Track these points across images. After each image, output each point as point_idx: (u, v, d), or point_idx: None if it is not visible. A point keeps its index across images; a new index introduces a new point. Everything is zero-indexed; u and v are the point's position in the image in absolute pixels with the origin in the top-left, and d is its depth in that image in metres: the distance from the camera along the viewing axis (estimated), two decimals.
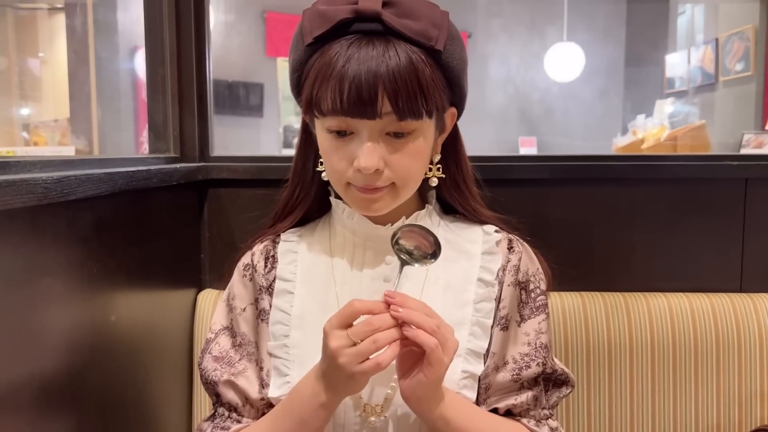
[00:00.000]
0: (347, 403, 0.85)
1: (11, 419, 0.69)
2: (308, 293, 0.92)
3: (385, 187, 0.84)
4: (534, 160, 1.30)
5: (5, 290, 0.67)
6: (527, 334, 0.91)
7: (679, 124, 4.76)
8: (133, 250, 0.99)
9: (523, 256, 0.94)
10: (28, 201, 0.66)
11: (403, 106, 0.78)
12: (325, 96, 0.78)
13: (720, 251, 1.27)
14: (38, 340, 0.74)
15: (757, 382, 1.19)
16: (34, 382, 0.73)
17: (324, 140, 0.84)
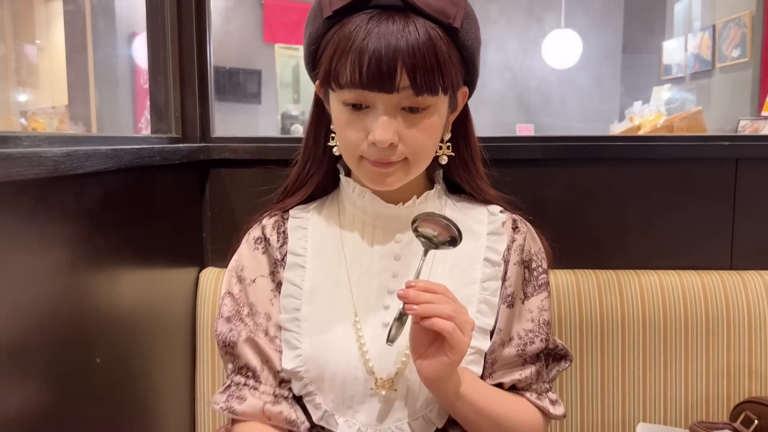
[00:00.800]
0: (358, 376, 0.88)
1: (16, 387, 0.71)
2: (319, 269, 0.94)
3: (397, 162, 0.85)
4: (530, 141, 1.32)
5: (18, 259, 0.70)
6: (531, 311, 0.94)
7: (675, 111, 4.77)
8: (138, 226, 1.02)
9: (527, 236, 0.97)
10: (39, 173, 0.68)
11: (421, 81, 0.79)
12: (344, 69, 0.79)
13: (711, 230, 1.30)
14: (48, 310, 0.77)
15: (745, 357, 1.23)
16: (44, 350, 0.76)
17: (339, 113, 0.85)
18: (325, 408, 0.89)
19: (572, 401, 1.23)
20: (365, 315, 0.90)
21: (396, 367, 0.88)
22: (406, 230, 0.91)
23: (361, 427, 0.88)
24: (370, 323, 0.90)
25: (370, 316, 0.90)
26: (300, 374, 0.89)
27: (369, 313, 0.91)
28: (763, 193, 1.29)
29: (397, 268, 0.92)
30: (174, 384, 1.20)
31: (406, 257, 0.93)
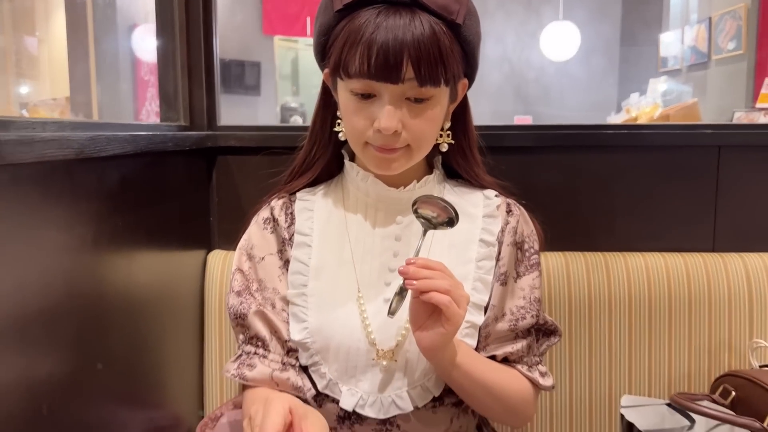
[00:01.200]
0: (361, 348, 0.94)
1: (46, 353, 0.78)
2: (324, 248, 1.00)
3: (401, 148, 0.92)
4: (523, 129, 1.38)
5: (49, 235, 0.76)
6: (522, 289, 1.00)
7: (672, 102, 4.81)
8: (151, 208, 1.08)
9: (520, 219, 1.03)
10: (67, 155, 0.74)
11: (425, 73, 0.85)
12: (353, 59, 0.85)
13: (694, 214, 1.36)
14: (73, 283, 0.83)
15: (726, 334, 1.29)
16: (71, 320, 0.82)
17: (347, 101, 0.91)
18: (329, 377, 0.95)
19: (562, 375, 1.29)
20: (368, 291, 0.97)
21: (396, 339, 0.94)
22: (407, 212, 0.97)
23: (363, 395, 0.94)
24: (373, 299, 0.96)
25: (372, 292, 0.97)
26: (307, 345, 0.96)
27: (371, 290, 0.97)
28: (744, 179, 1.36)
29: (398, 247, 0.99)
30: (183, 357, 1.26)
31: (407, 237, 0.99)
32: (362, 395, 0.94)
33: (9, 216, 0.68)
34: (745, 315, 1.29)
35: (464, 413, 1.00)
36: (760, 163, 1.36)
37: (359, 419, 0.95)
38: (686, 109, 4.25)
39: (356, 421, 0.95)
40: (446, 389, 0.96)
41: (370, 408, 0.93)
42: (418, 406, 0.94)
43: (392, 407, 0.93)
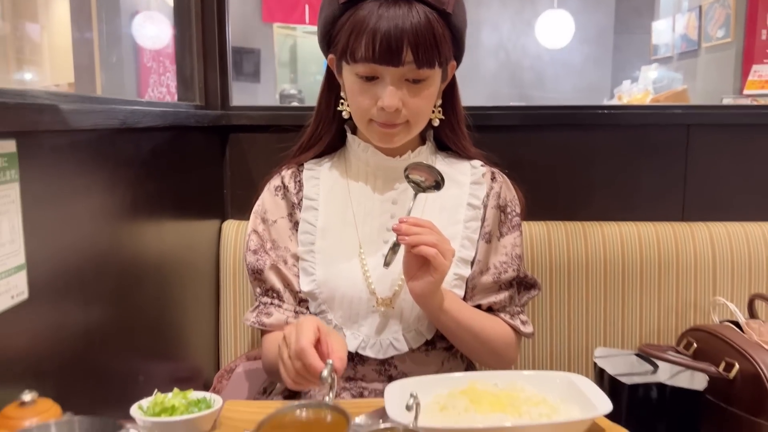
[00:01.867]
0: (362, 297, 1.07)
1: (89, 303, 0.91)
2: (330, 210, 1.13)
3: (401, 124, 1.05)
4: (509, 110, 1.51)
5: (97, 196, 0.89)
6: (505, 247, 1.13)
7: (662, 89, 4.90)
8: (176, 177, 1.21)
9: (503, 185, 1.16)
10: (112, 124, 0.87)
11: (422, 57, 0.98)
12: (359, 46, 0.98)
13: (665, 187, 1.50)
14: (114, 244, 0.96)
15: (691, 295, 1.43)
16: (110, 276, 0.95)
17: (353, 84, 1.04)
18: (335, 323, 1.09)
19: (543, 330, 1.43)
20: (368, 248, 1.10)
21: (393, 289, 1.08)
22: (403, 179, 1.09)
23: (364, 338, 1.08)
24: (373, 255, 1.10)
25: (372, 249, 1.10)
26: (315, 295, 1.09)
27: (371, 247, 1.10)
28: (711, 155, 1.49)
29: (395, 210, 1.12)
30: (201, 315, 1.40)
31: (403, 201, 1.12)
32: (363, 338, 1.07)
33: (67, 176, 0.81)
34: (709, 277, 1.43)
35: (454, 357, 1.14)
36: (726, 140, 1.49)
37: (361, 360, 1.09)
38: (676, 96, 4.37)
39: (359, 362, 1.09)
40: (438, 334, 1.09)
41: (370, 349, 1.07)
42: (412, 347, 1.07)
43: (390, 348, 1.06)
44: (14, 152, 0.67)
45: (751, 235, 1.44)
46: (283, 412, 0.71)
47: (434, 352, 1.11)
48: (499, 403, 0.83)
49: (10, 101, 0.64)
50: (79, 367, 0.86)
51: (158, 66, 5.28)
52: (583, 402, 0.82)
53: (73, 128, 0.77)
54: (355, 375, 1.10)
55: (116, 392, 0.96)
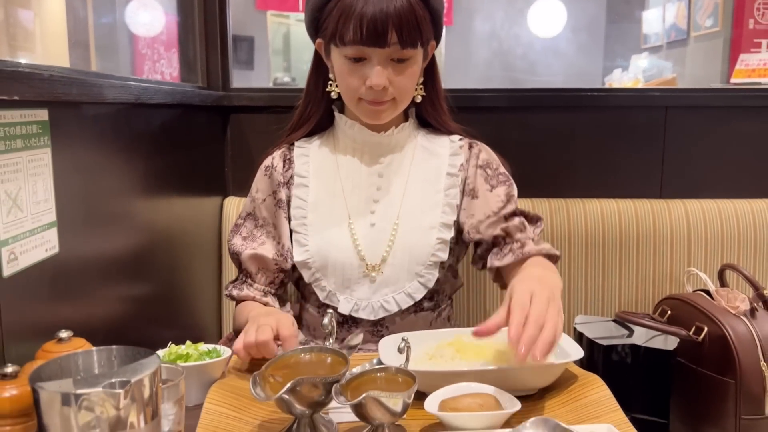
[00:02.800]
0: (353, 263, 1.15)
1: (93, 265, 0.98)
2: (319, 185, 1.21)
3: (388, 101, 1.13)
4: (496, 92, 1.59)
5: (112, 167, 0.97)
6: (498, 195, 1.19)
7: (653, 78, 4.96)
8: (182, 155, 1.29)
9: (482, 149, 1.24)
10: (128, 99, 0.95)
11: (405, 38, 1.06)
12: (347, 30, 1.05)
13: (644, 166, 1.58)
14: (130, 216, 1.04)
15: (667, 267, 1.52)
16: (129, 237, 1.03)
17: (342, 65, 1.12)
18: (329, 289, 1.17)
19: None
20: (356, 218, 1.18)
21: (381, 256, 1.16)
22: (388, 154, 1.19)
23: (357, 301, 1.16)
24: (360, 224, 1.18)
25: (360, 219, 1.18)
26: (309, 264, 1.17)
27: (359, 217, 1.18)
28: (687, 136, 1.58)
29: (380, 182, 1.20)
30: (205, 286, 1.48)
31: (387, 174, 1.20)
32: (356, 302, 1.16)
33: (91, 145, 0.89)
34: (684, 250, 1.52)
35: (441, 318, 1.23)
36: (702, 121, 1.57)
37: (355, 323, 1.17)
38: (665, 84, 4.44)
39: (353, 325, 1.18)
40: (425, 297, 1.17)
41: (363, 311, 1.15)
42: (401, 308, 1.15)
43: (381, 310, 1.15)
44: (46, 120, 0.74)
45: (723, 211, 1.53)
46: (288, 355, 0.80)
47: (422, 313, 1.19)
48: (483, 352, 0.92)
49: (44, 73, 0.71)
50: (100, 315, 0.94)
51: (152, 53, 5.31)
52: (558, 351, 0.91)
53: (96, 101, 0.85)
54: (349, 337, 1.18)
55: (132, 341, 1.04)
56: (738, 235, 1.52)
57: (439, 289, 1.20)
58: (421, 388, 0.82)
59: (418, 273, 1.15)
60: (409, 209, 1.18)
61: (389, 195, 1.19)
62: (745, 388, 1.21)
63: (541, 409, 0.86)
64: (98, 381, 0.55)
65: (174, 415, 0.69)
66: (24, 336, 0.71)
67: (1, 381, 0.61)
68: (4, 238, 0.67)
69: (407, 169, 1.20)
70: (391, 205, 1.18)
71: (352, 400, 0.71)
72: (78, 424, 0.53)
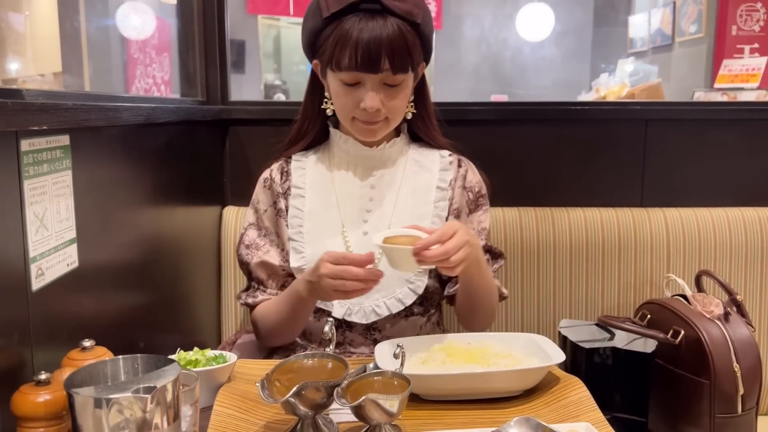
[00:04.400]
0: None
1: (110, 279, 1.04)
2: (315, 196, 1.28)
3: (381, 121, 1.20)
4: (484, 106, 1.66)
5: (122, 185, 1.03)
6: (472, 222, 1.29)
7: (639, 82, 5.04)
8: (184, 168, 1.35)
9: (468, 170, 1.32)
10: (138, 120, 1.01)
11: (397, 64, 1.13)
12: (343, 57, 1.12)
13: (625, 176, 1.66)
14: (134, 226, 1.10)
15: (648, 273, 1.60)
16: (138, 250, 1.09)
17: (338, 88, 1.19)
18: None
19: (515, 304, 1.59)
20: (350, 227, 1.25)
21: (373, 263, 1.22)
22: (380, 167, 1.27)
23: (350, 305, 1.23)
24: (354, 232, 1.25)
25: (353, 228, 1.25)
26: (304, 270, 1.23)
27: (352, 226, 1.25)
28: (666, 147, 1.65)
29: (373, 194, 1.27)
30: (205, 293, 1.54)
31: (380, 186, 1.27)
32: (349, 306, 1.22)
33: (106, 165, 0.95)
34: (663, 257, 1.59)
35: (430, 323, 1.30)
36: (681, 134, 1.65)
37: (349, 327, 1.24)
38: (651, 89, 4.53)
39: (347, 329, 1.24)
40: (415, 302, 1.24)
41: (355, 315, 1.22)
42: (392, 312, 1.22)
43: (372, 314, 1.22)
44: (68, 145, 0.80)
45: (701, 219, 1.61)
46: (292, 361, 0.86)
47: (412, 318, 1.26)
48: (472, 357, 0.99)
49: (66, 103, 0.77)
50: (113, 323, 1.00)
51: (144, 57, 5.34)
52: (542, 355, 0.98)
53: (111, 124, 0.91)
54: (343, 340, 1.25)
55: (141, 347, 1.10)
56: (714, 242, 1.59)
57: (428, 296, 1.27)
58: (415, 390, 0.89)
59: (408, 279, 1.23)
60: (400, 219, 1.24)
61: (381, 206, 1.26)
62: (719, 388, 1.29)
63: (525, 409, 0.93)
64: (127, 387, 0.61)
65: (190, 417, 0.75)
66: (51, 345, 0.77)
67: (36, 387, 0.67)
68: (32, 256, 0.73)
69: (398, 182, 1.27)
70: (383, 216, 1.25)
71: (352, 402, 0.77)
72: (109, 425, 0.59)
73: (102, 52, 4.87)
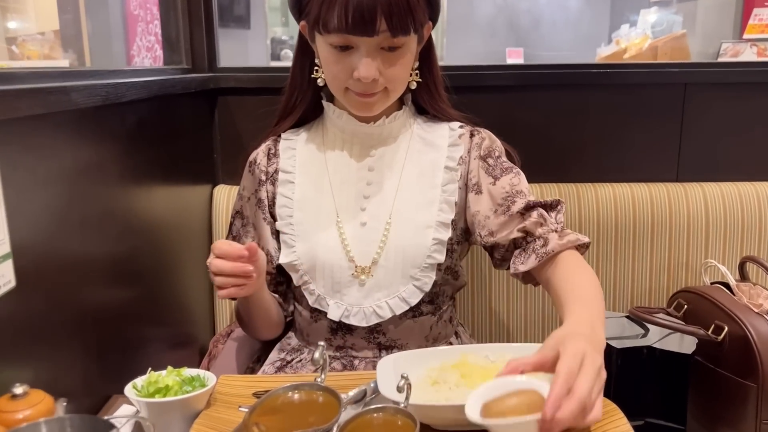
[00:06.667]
0: (342, 265, 1.07)
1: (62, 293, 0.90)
2: (306, 181, 1.12)
3: (379, 92, 1.02)
4: (502, 69, 1.48)
5: (82, 173, 0.88)
6: (503, 188, 1.07)
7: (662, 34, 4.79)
8: (164, 147, 1.19)
9: (485, 138, 1.13)
10: (95, 102, 0.85)
11: (396, 24, 0.95)
12: (331, 17, 0.94)
13: (660, 147, 1.48)
14: (104, 213, 0.95)
15: (683, 255, 1.44)
16: (106, 246, 0.95)
17: (327, 53, 1.01)
18: (318, 293, 1.09)
19: (536, 292, 1.44)
20: (345, 216, 1.09)
21: (371, 257, 1.07)
22: (379, 146, 1.10)
23: (348, 306, 1.08)
24: (350, 222, 1.09)
25: (349, 217, 1.09)
26: (296, 266, 1.09)
27: (348, 215, 1.09)
28: (707, 115, 1.47)
29: (372, 177, 1.10)
30: (196, 282, 1.40)
31: (379, 168, 1.11)
32: (347, 307, 1.08)
33: (50, 158, 0.80)
34: (701, 238, 1.43)
35: (442, 321, 1.15)
36: (722, 99, 1.47)
37: (349, 330, 1.10)
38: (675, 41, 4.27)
39: (347, 332, 1.10)
40: (423, 300, 1.09)
41: (354, 318, 1.07)
42: (396, 314, 1.07)
43: (373, 316, 1.07)
44: None
45: (744, 194, 1.44)
46: (276, 394, 0.72)
47: (421, 318, 1.12)
48: (490, 376, 0.84)
49: None
50: (73, 347, 0.87)
51: (145, 13, 5.14)
52: None
53: (54, 111, 0.75)
54: (344, 344, 1.11)
55: (113, 366, 0.97)
56: (759, 221, 1.43)
57: (439, 291, 1.12)
58: (424, 420, 0.75)
59: (413, 276, 1.07)
60: (403, 206, 1.08)
61: (381, 191, 1.10)
62: (767, 391, 1.15)
63: None
64: None
65: None
66: None
67: None
68: None
69: (401, 162, 1.11)
70: (383, 202, 1.09)
71: None
72: None
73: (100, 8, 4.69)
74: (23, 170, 0.72)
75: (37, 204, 0.76)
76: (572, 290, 0.91)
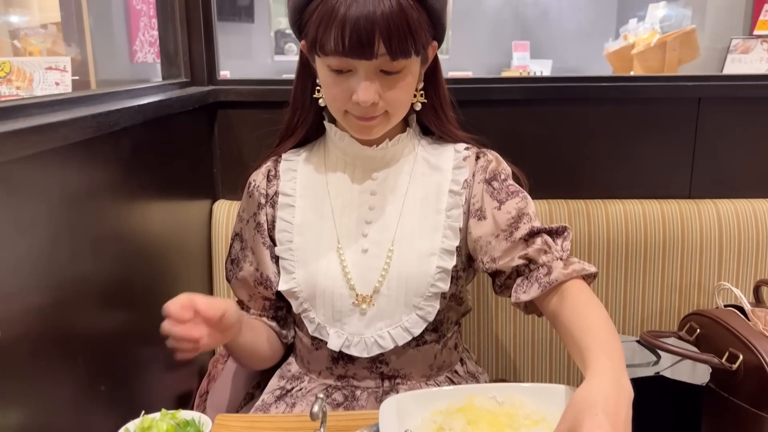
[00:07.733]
0: (343, 293, 1.04)
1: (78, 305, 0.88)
2: (307, 205, 1.08)
3: (379, 116, 0.98)
4: (508, 82, 1.44)
5: (73, 208, 0.84)
6: (509, 212, 1.02)
7: (671, 29, 4.73)
8: (161, 168, 1.16)
9: (492, 159, 1.08)
10: (85, 135, 0.81)
11: (396, 48, 0.90)
12: (328, 39, 0.90)
13: (672, 163, 1.44)
14: (97, 245, 0.92)
15: (696, 275, 1.40)
16: (99, 277, 0.92)
17: (325, 76, 0.97)
18: (318, 321, 1.06)
19: None
20: (347, 242, 1.06)
21: (373, 286, 1.04)
22: (382, 169, 1.06)
23: (348, 336, 1.04)
24: (351, 248, 1.05)
25: (351, 243, 1.06)
26: (296, 294, 1.06)
27: (350, 241, 1.06)
28: (722, 130, 1.43)
29: (374, 201, 1.07)
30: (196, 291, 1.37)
31: (382, 192, 1.07)
32: (347, 336, 1.04)
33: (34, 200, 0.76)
34: (714, 257, 1.39)
35: (447, 349, 1.11)
36: (738, 114, 1.42)
37: (350, 359, 1.06)
38: (684, 36, 4.20)
39: (348, 362, 1.07)
40: (427, 329, 1.05)
41: (354, 348, 1.04)
42: (398, 344, 1.04)
43: (375, 347, 1.03)
44: None
45: (759, 212, 1.40)
46: None
47: (425, 347, 1.08)
48: (498, 422, 0.81)
49: None
50: (67, 385, 0.84)
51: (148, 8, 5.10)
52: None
53: (38, 151, 0.72)
54: (346, 373, 1.08)
55: (108, 400, 0.94)
56: None
57: (443, 318, 1.09)
58: None
59: (416, 305, 1.03)
60: (406, 233, 1.04)
61: (383, 216, 1.06)
62: None
63: None
64: None
65: None
66: None
67: None
68: None
69: (404, 186, 1.07)
70: (386, 228, 1.05)
71: None
72: None
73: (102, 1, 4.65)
74: (4, 215, 0.69)
75: (22, 250, 0.72)
76: (587, 332, 0.86)
